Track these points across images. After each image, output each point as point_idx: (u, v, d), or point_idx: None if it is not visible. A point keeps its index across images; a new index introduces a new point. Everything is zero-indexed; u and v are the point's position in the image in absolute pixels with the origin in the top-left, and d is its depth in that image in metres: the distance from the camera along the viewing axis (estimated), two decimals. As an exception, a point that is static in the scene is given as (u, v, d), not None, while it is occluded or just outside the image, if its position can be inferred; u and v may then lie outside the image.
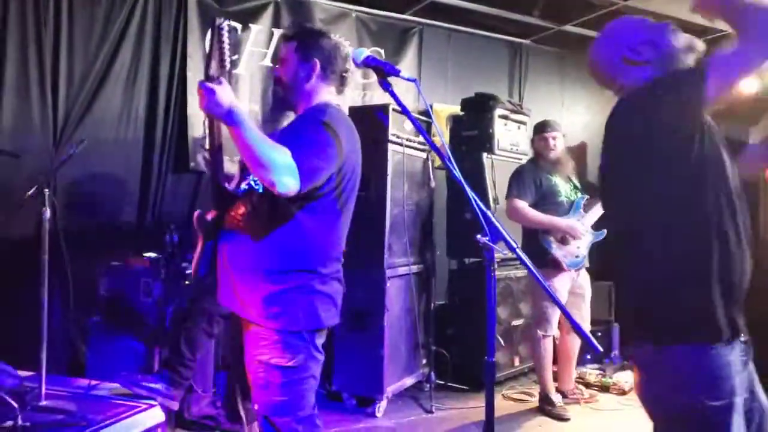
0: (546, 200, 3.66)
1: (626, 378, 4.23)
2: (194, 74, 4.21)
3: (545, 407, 3.73)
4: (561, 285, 3.65)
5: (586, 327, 3.80)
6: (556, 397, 3.76)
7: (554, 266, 3.61)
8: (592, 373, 4.37)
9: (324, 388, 3.73)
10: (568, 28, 5.27)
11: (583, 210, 3.69)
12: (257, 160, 1.65)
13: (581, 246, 3.66)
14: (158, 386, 2.80)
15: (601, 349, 1.62)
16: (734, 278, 1.47)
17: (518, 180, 3.71)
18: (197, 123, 4.23)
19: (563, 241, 3.61)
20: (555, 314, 3.65)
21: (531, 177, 3.70)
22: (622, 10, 4.81)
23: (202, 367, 3.52)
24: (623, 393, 4.13)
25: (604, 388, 4.20)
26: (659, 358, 1.49)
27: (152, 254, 3.45)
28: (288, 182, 1.67)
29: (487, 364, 1.56)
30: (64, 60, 4.02)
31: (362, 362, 3.66)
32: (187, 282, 2.96)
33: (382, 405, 3.64)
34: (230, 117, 1.65)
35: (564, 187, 3.74)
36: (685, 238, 1.48)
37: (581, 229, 3.61)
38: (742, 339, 1.49)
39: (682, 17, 5.02)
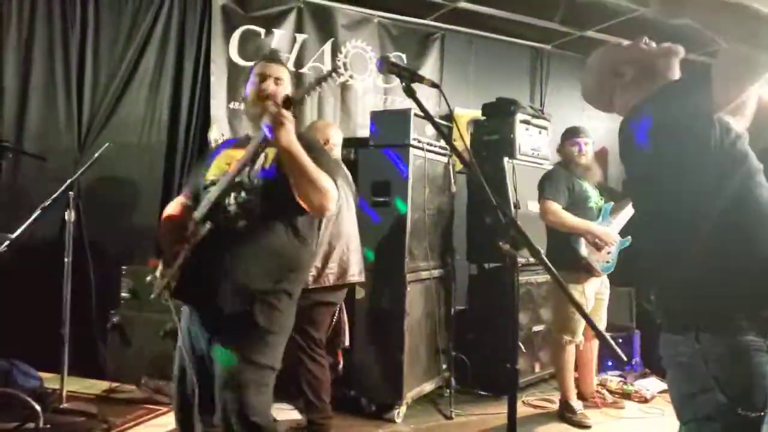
0: (577, 205, 3.64)
1: (648, 385, 4.17)
2: (217, 78, 4.25)
3: (566, 414, 3.69)
4: (591, 290, 3.65)
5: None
6: (577, 404, 3.71)
7: (587, 271, 3.60)
8: (613, 380, 4.32)
9: (342, 393, 3.71)
10: (590, 33, 5.24)
11: (610, 216, 3.67)
12: (315, 185, 1.81)
13: (612, 251, 3.64)
14: None
15: (625, 358, 1.57)
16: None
17: (551, 182, 3.68)
18: (220, 126, 4.27)
19: (596, 246, 3.59)
20: (581, 320, 3.61)
21: (564, 181, 3.68)
22: (643, 17, 4.78)
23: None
24: (645, 401, 4.07)
25: (626, 396, 4.15)
26: (698, 358, 1.43)
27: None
28: (333, 206, 1.88)
29: (510, 371, 1.54)
30: (90, 64, 4.10)
31: (381, 367, 3.64)
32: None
33: (401, 410, 3.61)
34: (295, 145, 1.77)
35: (593, 192, 3.73)
36: (735, 231, 1.44)
37: (614, 235, 3.60)
38: None
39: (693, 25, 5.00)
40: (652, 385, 4.20)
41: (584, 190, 3.70)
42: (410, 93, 1.66)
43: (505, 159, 4.22)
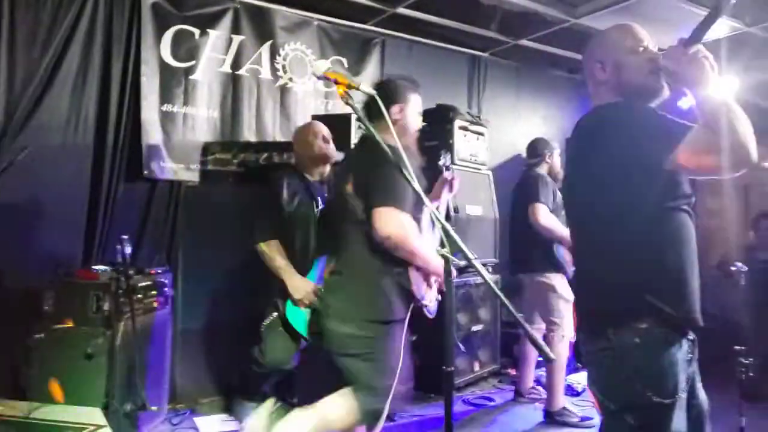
0: (557, 213, 3.79)
1: (578, 379, 4.34)
2: (149, 80, 4.08)
3: (563, 414, 3.77)
4: (566, 289, 3.81)
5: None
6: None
7: (564, 272, 3.78)
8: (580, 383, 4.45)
9: (285, 401, 3.63)
10: (524, 42, 5.39)
11: None
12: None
13: None
14: None
15: (553, 356, 1.70)
16: (688, 280, 1.59)
17: (545, 188, 3.81)
18: (152, 130, 4.10)
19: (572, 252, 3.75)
20: (570, 315, 3.75)
21: (551, 188, 3.84)
22: (574, 27, 4.97)
23: (157, 383, 3.39)
24: (577, 394, 4.26)
25: None
26: (615, 351, 1.56)
27: (102, 267, 3.29)
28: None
29: (445, 373, 1.59)
30: (4, 63, 3.82)
31: (325, 373, 3.58)
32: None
33: (345, 416, 3.58)
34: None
35: None
36: (653, 245, 1.58)
37: None
38: (690, 337, 1.60)
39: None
40: (584, 379, 4.36)
41: (561, 198, 3.87)
42: (347, 100, 1.66)
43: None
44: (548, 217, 3.71)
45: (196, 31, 4.26)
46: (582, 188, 1.71)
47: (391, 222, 2.13)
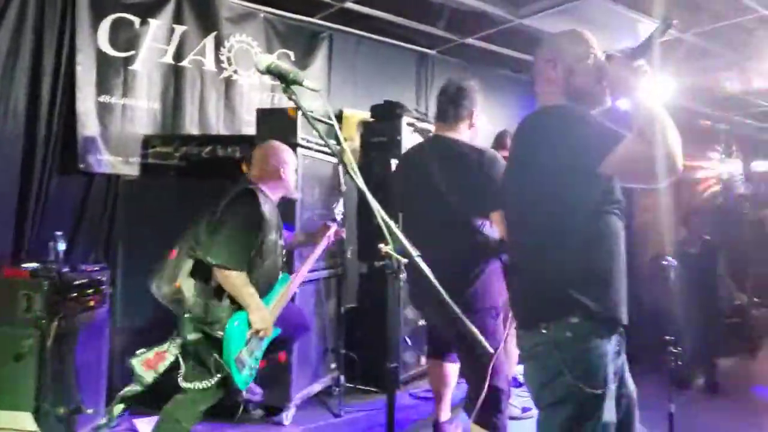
0: None
1: (521, 370, 4.45)
2: (85, 70, 3.92)
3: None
4: None
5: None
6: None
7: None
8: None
9: (228, 400, 3.58)
10: (470, 41, 5.46)
11: None
12: None
13: None
14: None
15: (491, 350, 1.80)
16: (615, 279, 1.66)
17: None
18: (88, 121, 3.94)
19: None
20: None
21: None
22: (518, 27, 5.08)
23: (94, 385, 3.27)
24: (519, 385, 4.33)
25: None
26: (548, 346, 1.63)
27: (33, 265, 3.14)
28: None
29: (387, 370, 1.60)
30: None
31: (269, 371, 3.54)
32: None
33: (290, 413, 3.56)
34: None
35: None
36: (583, 248, 1.65)
37: None
38: (618, 331, 1.69)
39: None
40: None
41: None
42: (290, 95, 1.64)
43: (393, 161, 4.29)
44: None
45: (136, 20, 4.12)
46: (519, 185, 1.77)
47: None
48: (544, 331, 1.63)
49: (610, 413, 1.61)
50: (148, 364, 2.53)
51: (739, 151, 8.18)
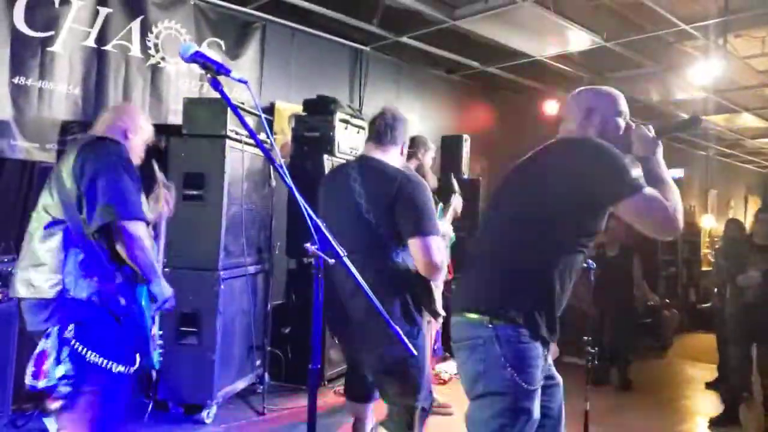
0: None
1: (447, 368, 4.55)
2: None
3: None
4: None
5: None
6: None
7: None
8: (445, 372, 4.65)
9: (148, 398, 3.47)
10: (405, 39, 5.50)
11: (444, 215, 3.92)
12: None
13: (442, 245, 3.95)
14: None
15: (415, 352, 1.84)
16: (560, 303, 1.82)
17: None
18: (0, 104, 3.71)
19: None
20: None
21: None
22: (452, 28, 5.16)
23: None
24: (444, 383, 4.48)
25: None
26: (492, 340, 1.71)
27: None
28: None
29: (309, 372, 1.58)
30: None
31: (191, 368, 3.47)
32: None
33: (211, 411, 3.49)
34: None
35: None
36: (559, 267, 1.79)
37: (448, 230, 3.89)
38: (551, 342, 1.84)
39: (508, 44, 5.54)
40: (451, 367, 4.60)
41: None
42: (216, 87, 1.59)
43: (325, 156, 4.27)
44: None
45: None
46: (535, 187, 1.84)
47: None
48: (489, 325, 1.72)
49: (537, 411, 1.74)
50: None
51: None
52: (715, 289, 4.91)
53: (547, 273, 1.77)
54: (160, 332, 2.45)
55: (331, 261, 1.69)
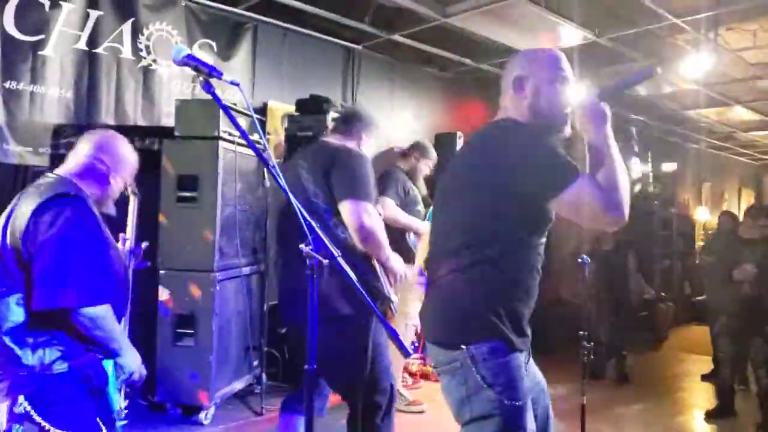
0: (408, 207, 3.92)
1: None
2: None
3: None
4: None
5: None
6: (405, 392, 3.97)
7: (413, 262, 3.90)
8: (414, 363, 4.69)
9: (146, 400, 3.48)
10: (397, 37, 5.50)
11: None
12: None
13: None
14: None
15: (411, 352, 1.75)
16: (531, 302, 1.71)
17: (391, 182, 3.90)
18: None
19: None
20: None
21: (401, 183, 3.95)
22: (444, 26, 5.16)
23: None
24: (413, 375, 4.59)
25: (424, 376, 4.60)
26: (468, 361, 1.61)
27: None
28: None
29: (307, 373, 1.55)
30: None
31: (188, 370, 3.47)
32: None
33: (209, 412, 3.49)
34: None
35: (419, 198, 4.09)
36: (510, 267, 1.67)
37: None
38: (527, 346, 1.73)
39: (500, 40, 5.54)
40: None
41: (415, 194, 4.03)
42: (208, 90, 1.58)
43: (318, 155, 4.27)
44: (389, 209, 3.76)
45: (47, 2, 3.88)
46: (458, 196, 1.71)
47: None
48: (462, 347, 1.61)
49: (531, 423, 1.64)
50: None
51: (649, 153, 8.65)
52: (707, 282, 4.94)
53: (501, 279, 1.64)
54: (126, 402, 2.08)
55: (326, 261, 1.67)
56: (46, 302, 1.75)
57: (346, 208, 2.19)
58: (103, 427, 1.85)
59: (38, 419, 1.74)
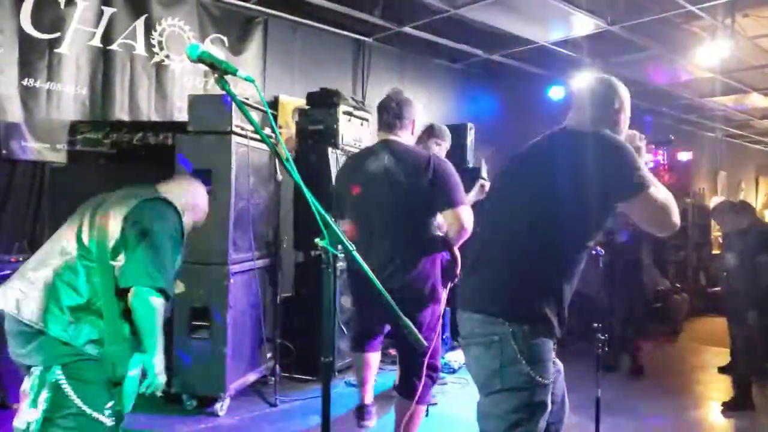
0: None
1: (455, 357, 4.58)
2: (6, 51, 3.77)
3: None
4: None
5: None
6: None
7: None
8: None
9: (162, 391, 3.52)
10: (407, 29, 5.49)
11: None
12: None
13: None
14: None
15: (426, 343, 1.79)
16: (568, 296, 1.86)
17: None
18: (10, 106, 3.78)
19: None
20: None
21: None
22: (454, 17, 5.14)
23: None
24: (453, 371, 4.50)
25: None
26: (507, 336, 1.73)
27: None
28: None
29: (322, 364, 1.59)
30: None
31: (203, 361, 3.52)
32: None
33: (224, 403, 3.54)
34: None
35: None
36: (569, 259, 1.83)
37: None
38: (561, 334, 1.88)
39: (511, 30, 5.51)
40: (460, 357, 4.62)
41: None
42: (222, 85, 1.60)
43: (329, 149, 4.29)
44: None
45: (62, 1, 3.94)
46: (534, 189, 1.84)
47: None
48: (504, 323, 1.73)
49: (549, 402, 1.78)
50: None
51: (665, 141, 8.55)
52: (724, 274, 4.87)
53: (559, 273, 1.80)
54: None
55: (341, 255, 1.70)
56: (129, 279, 1.93)
57: (454, 213, 2.59)
58: (107, 420, 1.93)
59: (68, 391, 1.87)
